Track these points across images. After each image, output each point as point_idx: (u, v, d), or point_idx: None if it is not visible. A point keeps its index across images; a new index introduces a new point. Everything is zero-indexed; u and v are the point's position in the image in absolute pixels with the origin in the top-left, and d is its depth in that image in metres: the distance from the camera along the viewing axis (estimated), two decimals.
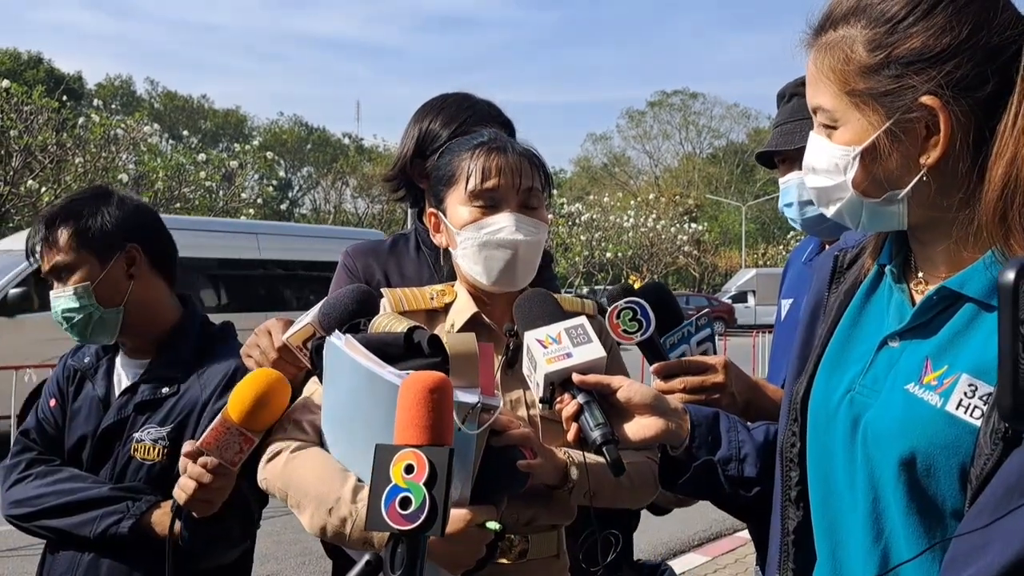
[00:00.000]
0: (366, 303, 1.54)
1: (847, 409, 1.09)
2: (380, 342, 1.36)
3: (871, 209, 1.08)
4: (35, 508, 1.82)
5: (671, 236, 38.37)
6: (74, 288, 1.84)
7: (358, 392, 1.33)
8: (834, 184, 1.09)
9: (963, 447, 0.96)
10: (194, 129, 52.56)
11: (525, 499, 1.46)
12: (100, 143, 16.43)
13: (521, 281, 1.56)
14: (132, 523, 1.75)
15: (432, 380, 1.00)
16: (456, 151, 1.61)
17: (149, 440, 1.82)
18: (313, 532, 1.38)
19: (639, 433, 1.25)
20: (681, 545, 5.50)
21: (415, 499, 0.93)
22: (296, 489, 1.40)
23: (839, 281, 1.24)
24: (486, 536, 1.35)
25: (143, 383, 1.88)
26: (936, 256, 1.09)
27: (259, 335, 1.68)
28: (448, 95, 2.13)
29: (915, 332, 1.07)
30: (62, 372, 1.98)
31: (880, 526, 1.03)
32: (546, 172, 1.63)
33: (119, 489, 1.80)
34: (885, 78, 1.02)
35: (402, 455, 0.95)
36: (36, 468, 1.86)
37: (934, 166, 1.02)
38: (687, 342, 1.62)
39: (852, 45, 1.04)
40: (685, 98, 65.86)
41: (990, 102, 1.00)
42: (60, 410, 1.93)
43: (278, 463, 1.45)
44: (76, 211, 1.87)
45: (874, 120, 1.03)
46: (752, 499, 1.28)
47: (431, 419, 0.98)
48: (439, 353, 1.31)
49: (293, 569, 5.18)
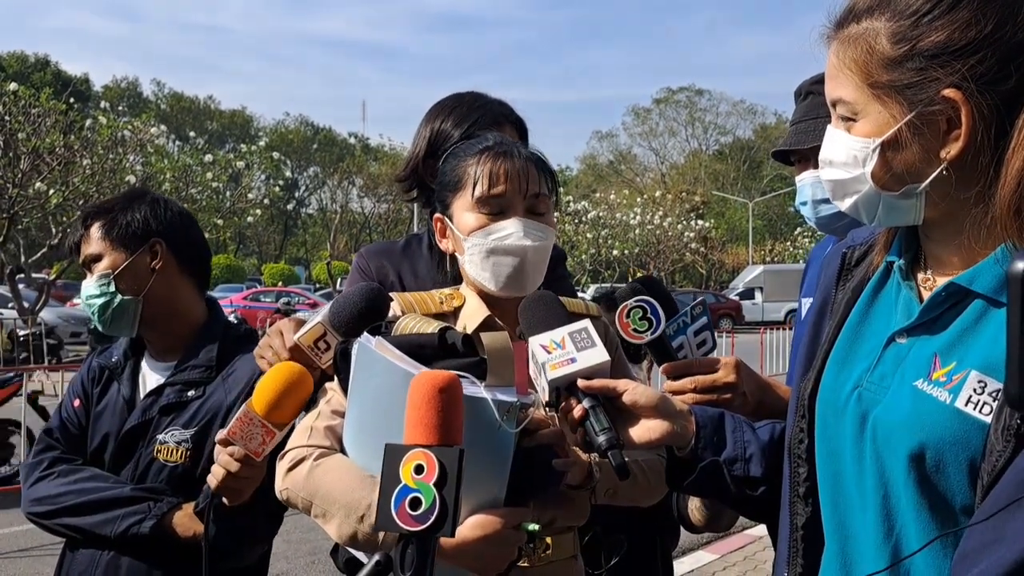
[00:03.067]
0: (376, 301, 1.54)
1: (855, 405, 1.09)
2: (414, 344, 1.35)
3: (888, 203, 1.08)
4: (56, 506, 1.84)
5: (678, 233, 38.25)
6: (98, 275, 1.92)
7: (393, 393, 1.29)
8: (851, 177, 1.08)
9: (973, 443, 0.96)
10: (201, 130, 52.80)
11: (547, 500, 1.46)
12: (107, 145, 16.45)
13: (529, 286, 1.54)
14: (153, 523, 1.77)
15: (442, 379, 1.00)
16: (461, 156, 1.59)
17: (173, 442, 1.84)
18: (342, 541, 1.37)
19: (644, 436, 1.25)
20: (691, 543, 5.48)
21: (425, 500, 0.93)
22: (323, 498, 1.38)
23: (847, 278, 1.23)
24: (521, 538, 1.34)
25: (169, 386, 1.90)
26: (946, 252, 1.09)
27: (271, 336, 1.69)
28: (461, 94, 2.13)
29: (923, 328, 1.06)
30: (87, 372, 2.01)
31: (891, 522, 1.03)
32: (552, 176, 1.62)
33: (141, 490, 1.82)
34: (908, 71, 1.02)
35: (412, 455, 0.95)
36: (58, 467, 1.89)
37: (954, 160, 1.02)
38: (684, 333, 1.59)
39: (876, 37, 1.04)
40: (691, 95, 65.67)
41: (1012, 97, 1.00)
42: (84, 410, 1.96)
43: (300, 472, 1.42)
44: (109, 208, 1.99)
45: (896, 112, 1.03)
46: (758, 498, 1.28)
47: (441, 419, 0.97)
48: (473, 352, 1.30)
49: (303, 568, 5.19)
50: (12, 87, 15.27)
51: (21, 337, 14.89)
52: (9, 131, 14.84)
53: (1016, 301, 0.78)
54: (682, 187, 54.36)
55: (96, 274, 1.93)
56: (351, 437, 1.45)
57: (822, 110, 1.20)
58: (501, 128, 1.99)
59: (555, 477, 1.37)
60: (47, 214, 16.58)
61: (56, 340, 15.55)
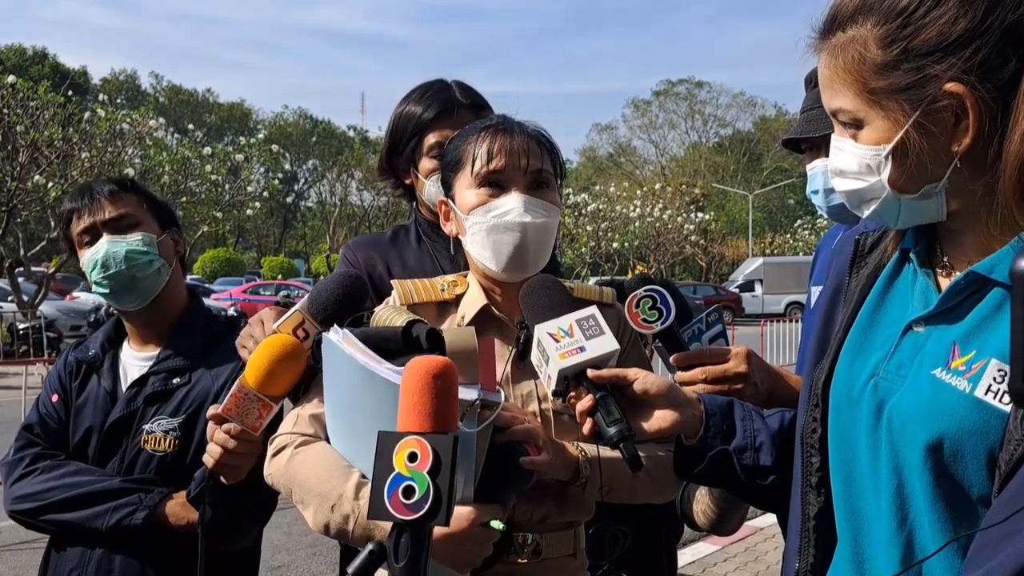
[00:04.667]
0: (353, 289, 1.53)
1: (871, 394, 1.08)
2: (379, 337, 1.33)
3: (909, 205, 1.06)
4: (43, 502, 1.80)
5: (678, 226, 38.19)
6: (142, 235, 1.92)
7: (357, 388, 1.31)
8: (867, 185, 1.07)
9: (992, 432, 0.94)
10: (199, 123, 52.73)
11: (537, 496, 1.44)
12: (106, 138, 16.38)
13: (532, 267, 1.51)
14: (146, 514, 1.74)
15: (436, 365, 0.97)
16: (463, 136, 1.57)
17: (160, 431, 1.82)
18: (317, 529, 1.36)
19: (654, 425, 1.24)
20: (692, 534, 5.46)
21: (419, 488, 0.91)
22: (300, 486, 1.39)
23: (860, 265, 1.22)
24: (491, 535, 1.33)
25: (153, 374, 1.88)
26: (964, 242, 1.07)
27: (252, 325, 1.68)
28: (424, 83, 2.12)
29: (941, 317, 1.05)
30: (63, 367, 1.97)
31: (904, 512, 1.02)
32: (556, 154, 1.58)
33: (130, 481, 1.80)
34: (904, 72, 1.00)
35: (405, 443, 0.92)
36: (41, 463, 1.85)
37: (966, 152, 1.00)
38: (699, 339, 1.58)
39: (865, 44, 1.02)
40: (691, 87, 65.54)
41: (1013, 80, 0.98)
42: (63, 405, 1.92)
43: (282, 459, 1.43)
44: (138, 185, 2.02)
45: (899, 116, 1.01)
46: (768, 487, 1.27)
47: (435, 405, 0.95)
48: (437, 348, 1.28)
49: (304, 560, 5.19)
50: (10, 80, 15.19)
51: (21, 330, 14.89)
52: (7, 124, 14.79)
53: (1020, 299, 0.77)
54: (682, 180, 54.25)
55: (138, 234, 1.91)
56: (330, 425, 1.45)
57: None
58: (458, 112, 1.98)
59: (527, 474, 1.35)
60: (46, 207, 16.52)
61: (56, 333, 15.53)
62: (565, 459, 1.43)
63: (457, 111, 1.99)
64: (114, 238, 1.90)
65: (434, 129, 1.98)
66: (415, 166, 2.03)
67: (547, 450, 1.39)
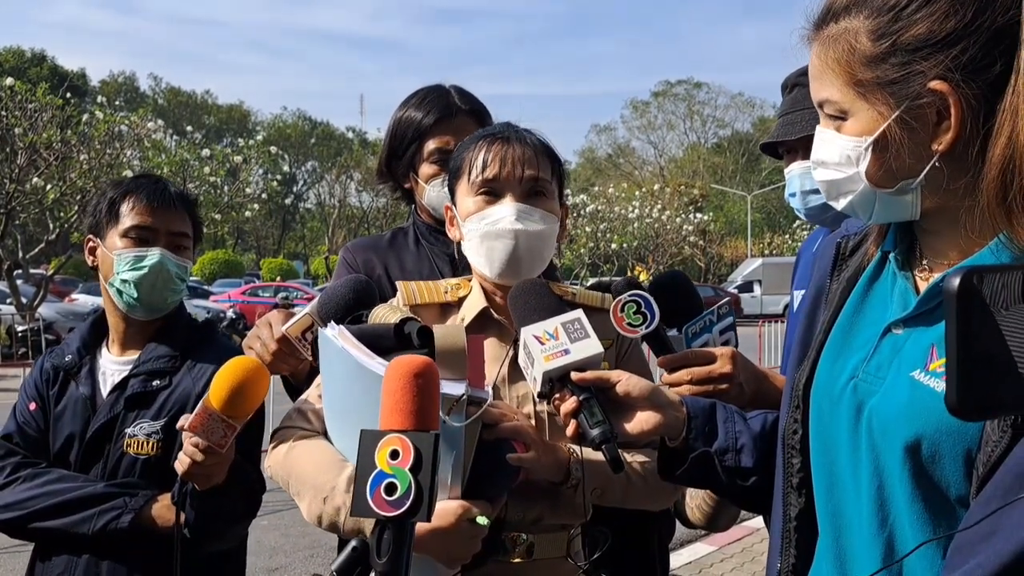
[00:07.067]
0: (363, 293, 1.54)
1: (851, 396, 1.09)
2: (373, 334, 1.35)
3: (884, 200, 1.07)
4: (28, 511, 1.78)
5: (676, 226, 38.17)
6: (189, 262, 1.95)
7: (351, 383, 1.33)
8: (845, 176, 1.08)
9: (969, 433, 0.95)
10: (198, 125, 52.75)
11: (529, 496, 1.45)
12: (104, 140, 16.38)
13: (526, 273, 1.52)
14: (131, 517, 1.73)
15: (417, 364, 0.98)
16: (466, 144, 1.60)
17: (142, 435, 1.82)
18: (310, 520, 1.39)
19: (637, 427, 1.25)
20: (688, 535, 5.47)
21: (400, 485, 0.92)
22: (296, 478, 1.43)
23: (841, 268, 1.23)
24: (478, 531, 1.34)
25: (132, 377, 1.87)
26: (943, 244, 1.08)
27: (260, 327, 1.70)
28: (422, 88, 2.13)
29: (920, 319, 1.06)
30: (40, 374, 1.94)
31: (885, 512, 1.03)
32: (556, 163, 1.59)
33: (114, 485, 1.79)
34: (892, 66, 1.01)
35: (387, 440, 0.93)
36: (23, 471, 1.82)
37: (946, 152, 1.01)
38: (709, 331, 1.59)
39: (856, 36, 1.03)
40: (689, 88, 65.54)
41: (998, 83, 0.99)
42: (41, 413, 1.90)
43: (280, 452, 1.48)
44: (186, 197, 1.98)
45: (883, 109, 1.02)
46: (750, 488, 1.28)
47: (416, 404, 0.96)
48: (428, 345, 1.30)
49: (301, 562, 5.20)
50: (8, 82, 15.21)
51: (19, 333, 14.89)
52: (5, 126, 14.81)
53: (951, 318, 0.77)
54: (680, 180, 54.23)
55: (187, 261, 1.94)
56: (328, 420, 1.48)
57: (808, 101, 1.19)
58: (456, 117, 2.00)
59: (514, 471, 1.37)
60: (44, 209, 16.54)
61: (54, 335, 15.51)
62: (556, 459, 1.44)
63: (456, 116, 2.01)
64: (169, 254, 1.88)
65: (433, 134, 2.00)
66: (415, 171, 2.05)
67: (536, 448, 1.40)
